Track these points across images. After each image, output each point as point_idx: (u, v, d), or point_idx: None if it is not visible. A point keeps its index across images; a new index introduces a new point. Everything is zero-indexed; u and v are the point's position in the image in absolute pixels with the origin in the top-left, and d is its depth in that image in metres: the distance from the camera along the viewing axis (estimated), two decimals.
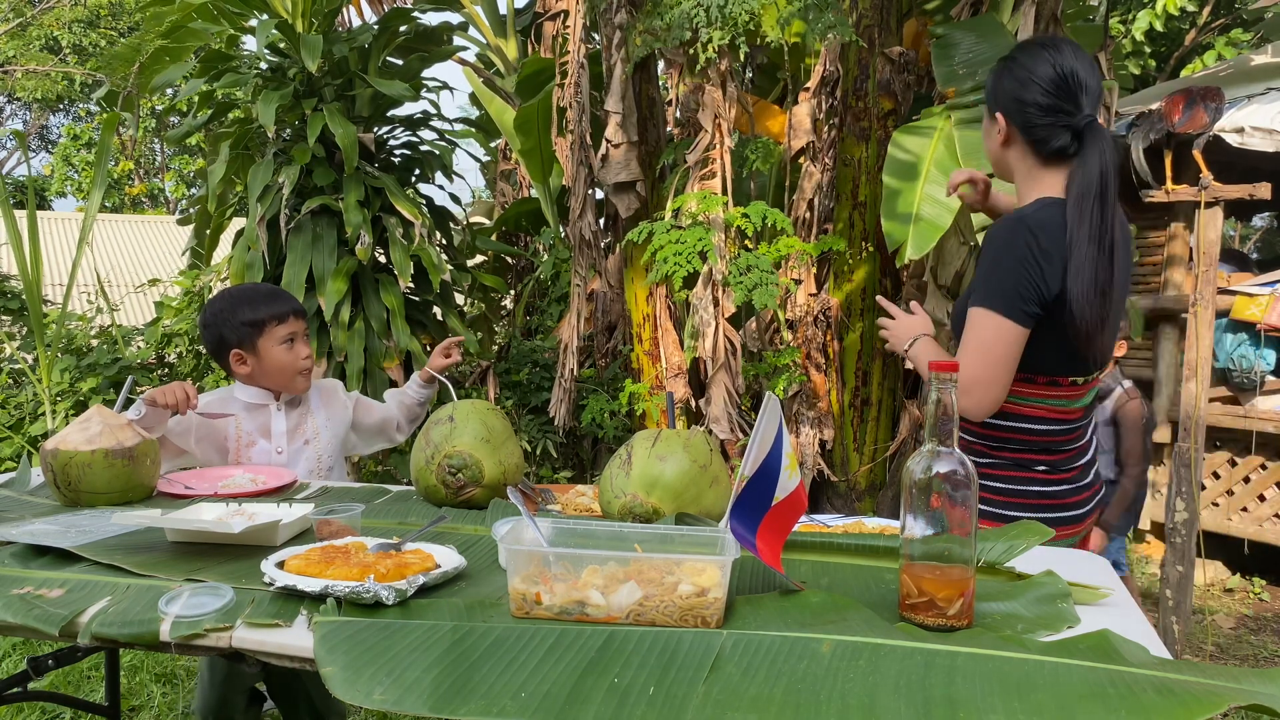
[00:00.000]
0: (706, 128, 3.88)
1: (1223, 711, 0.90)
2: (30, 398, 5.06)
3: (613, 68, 4.14)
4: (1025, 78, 1.78)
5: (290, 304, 2.30)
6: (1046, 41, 1.82)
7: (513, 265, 7.07)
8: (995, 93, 1.84)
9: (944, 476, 1.14)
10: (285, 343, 2.26)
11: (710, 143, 3.89)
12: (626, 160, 4.19)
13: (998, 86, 1.83)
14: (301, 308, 2.34)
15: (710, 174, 3.90)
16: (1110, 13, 7.32)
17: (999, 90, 1.83)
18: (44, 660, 1.90)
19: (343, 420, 2.43)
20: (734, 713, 0.94)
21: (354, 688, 1.00)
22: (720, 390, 3.84)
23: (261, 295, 2.31)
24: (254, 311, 2.24)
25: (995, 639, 1.10)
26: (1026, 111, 1.78)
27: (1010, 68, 1.80)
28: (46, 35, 17.60)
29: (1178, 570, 3.45)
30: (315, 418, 2.37)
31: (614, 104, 4.13)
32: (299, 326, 2.29)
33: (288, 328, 2.26)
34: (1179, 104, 3.56)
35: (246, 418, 2.29)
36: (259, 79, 4.25)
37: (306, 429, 2.35)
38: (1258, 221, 11.79)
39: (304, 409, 2.37)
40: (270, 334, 2.24)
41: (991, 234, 1.79)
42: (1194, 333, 3.43)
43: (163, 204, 20.70)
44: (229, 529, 1.46)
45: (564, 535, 1.34)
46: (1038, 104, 1.77)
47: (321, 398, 2.42)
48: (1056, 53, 1.76)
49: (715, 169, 3.90)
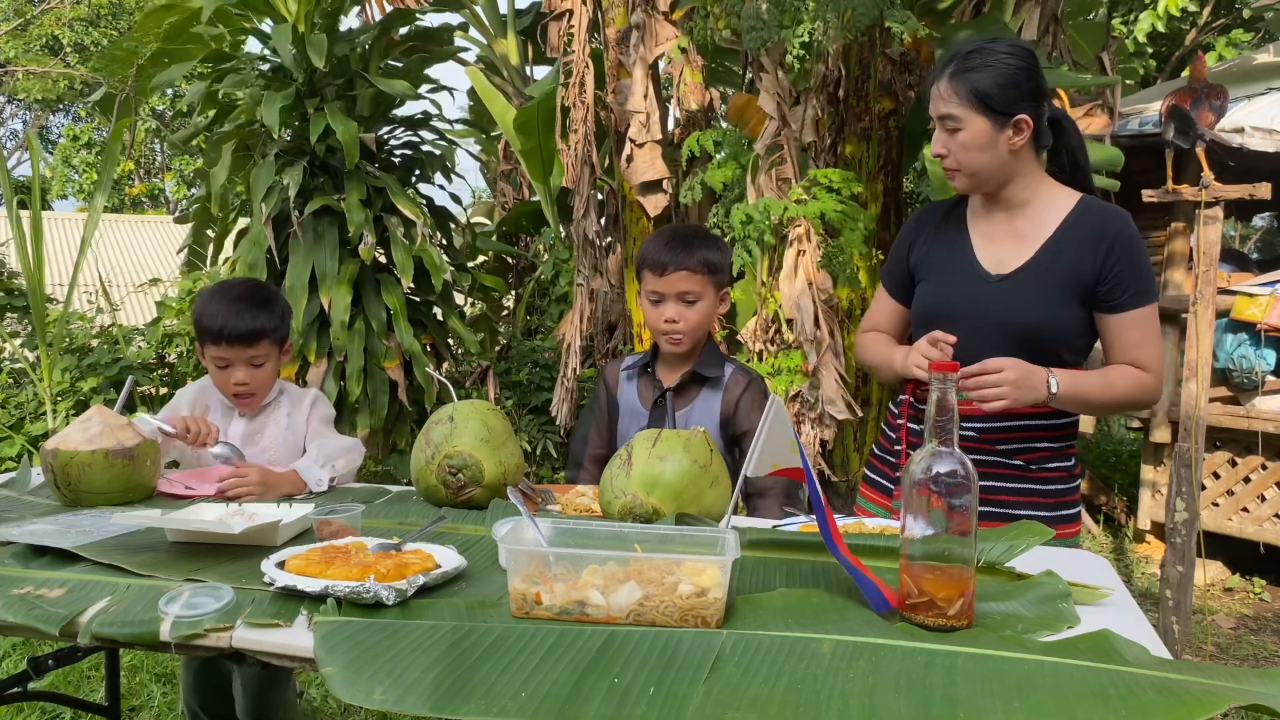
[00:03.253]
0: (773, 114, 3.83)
1: (1223, 711, 0.90)
2: (31, 397, 5.06)
3: (625, 66, 4.14)
4: (1034, 72, 1.74)
5: (235, 329, 2.10)
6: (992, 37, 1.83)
7: (513, 265, 7.08)
8: (1004, 96, 1.71)
9: (944, 476, 1.14)
10: (218, 364, 2.14)
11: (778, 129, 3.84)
12: (652, 159, 4.19)
13: (1004, 90, 1.71)
14: (258, 332, 2.12)
15: (781, 160, 3.86)
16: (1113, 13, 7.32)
17: (1006, 92, 1.71)
18: (44, 660, 1.90)
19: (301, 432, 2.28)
20: (734, 713, 0.94)
21: (354, 688, 1.00)
22: (830, 373, 3.76)
23: (220, 303, 2.13)
24: (203, 320, 2.12)
25: (995, 639, 1.10)
26: (1041, 108, 1.76)
27: (1006, 67, 1.72)
28: (47, 35, 17.61)
29: (1178, 570, 3.45)
30: (278, 426, 2.24)
31: (637, 103, 4.14)
32: (237, 355, 2.12)
33: (222, 353, 2.12)
34: (1186, 102, 3.56)
35: (219, 415, 2.22)
36: (261, 80, 4.25)
37: (265, 437, 2.23)
38: (1258, 221, 11.79)
39: (269, 415, 2.25)
40: (207, 351, 2.15)
41: (1132, 230, 1.78)
42: (1194, 333, 3.42)
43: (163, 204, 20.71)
44: (229, 529, 1.46)
45: (564, 535, 1.34)
46: (1046, 98, 1.77)
47: (291, 405, 2.28)
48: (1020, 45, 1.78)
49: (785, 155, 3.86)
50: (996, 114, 1.72)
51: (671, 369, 2.17)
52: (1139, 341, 1.77)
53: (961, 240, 1.89)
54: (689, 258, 2.05)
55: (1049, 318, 1.77)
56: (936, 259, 1.92)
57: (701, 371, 2.13)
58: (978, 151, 1.75)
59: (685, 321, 2.07)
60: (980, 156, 1.76)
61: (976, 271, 1.85)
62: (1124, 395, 1.77)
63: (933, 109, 1.79)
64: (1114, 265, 1.74)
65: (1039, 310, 1.77)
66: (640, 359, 2.25)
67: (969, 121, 1.73)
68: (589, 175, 4.60)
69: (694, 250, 2.06)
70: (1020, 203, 1.83)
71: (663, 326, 2.09)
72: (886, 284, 2.05)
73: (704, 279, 2.07)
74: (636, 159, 4.21)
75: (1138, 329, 1.76)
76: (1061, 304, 1.77)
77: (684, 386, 2.14)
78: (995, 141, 1.74)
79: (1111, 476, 6.14)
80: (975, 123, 1.73)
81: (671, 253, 2.06)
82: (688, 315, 2.07)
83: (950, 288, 1.87)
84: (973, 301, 1.82)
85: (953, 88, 1.73)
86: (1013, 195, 1.83)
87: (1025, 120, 1.74)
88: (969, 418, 1.82)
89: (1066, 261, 1.77)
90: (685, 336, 2.08)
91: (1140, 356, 1.76)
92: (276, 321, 2.18)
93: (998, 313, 1.79)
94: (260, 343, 2.14)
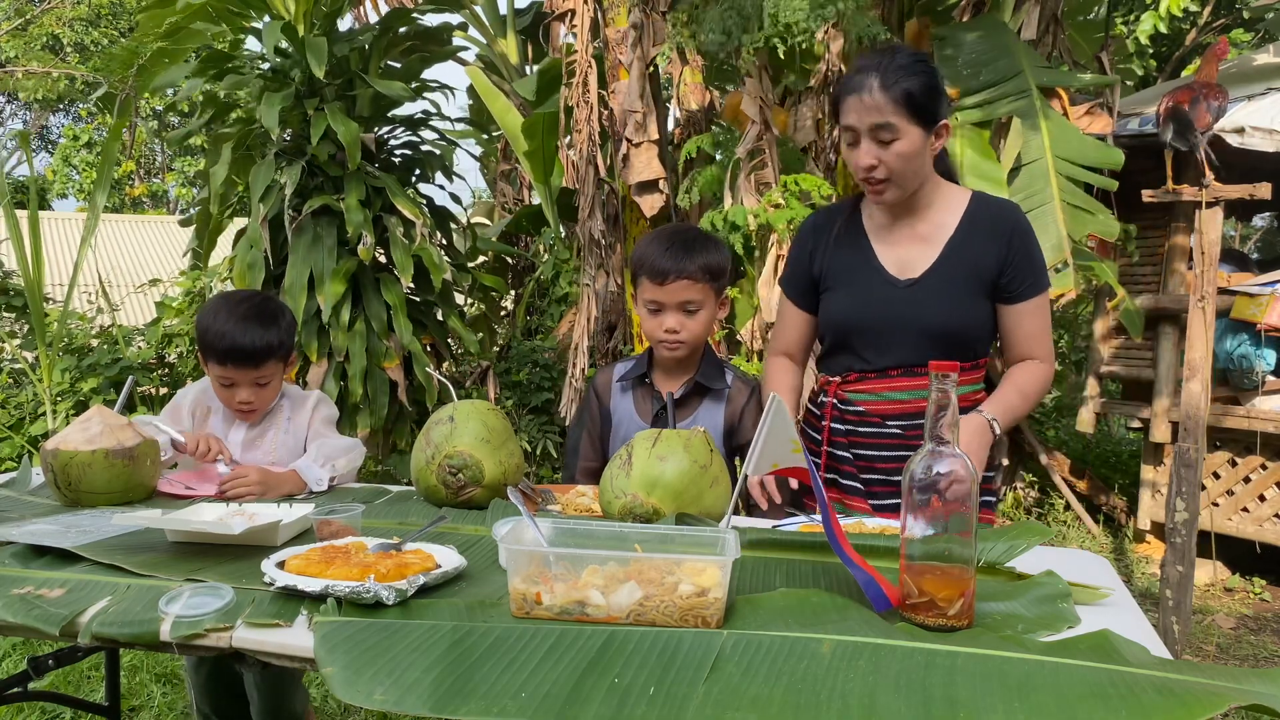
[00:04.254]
0: (755, 118, 3.85)
1: (1223, 711, 0.90)
2: (31, 398, 5.07)
3: (625, 67, 4.14)
4: (939, 77, 1.78)
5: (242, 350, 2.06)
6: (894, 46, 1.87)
7: (513, 265, 7.08)
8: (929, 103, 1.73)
9: (944, 476, 1.14)
10: (223, 382, 2.13)
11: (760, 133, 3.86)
12: (648, 159, 4.19)
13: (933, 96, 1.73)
14: (265, 352, 2.09)
15: (762, 164, 3.88)
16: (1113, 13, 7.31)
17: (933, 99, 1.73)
18: (44, 660, 1.90)
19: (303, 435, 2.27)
20: (734, 713, 0.94)
21: (354, 688, 1.00)
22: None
23: (227, 321, 2.08)
24: (207, 337, 2.09)
25: (995, 639, 1.10)
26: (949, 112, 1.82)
27: (927, 73, 1.73)
28: (48, 35, 17.61)
29: (1178, 570, 3.45)
30: (279, 430, 2.23)
31: (633, 103, 4.13)
32: (243, 376, 2.09)
33: (227, 373, 2.09)
34: (1184, 102, 3.55)
35: (219, 419, 2.23)
36: (261, 80, 4.25)
37: (266, 443, 2.22)
38: (1258, 221, 11.79)
39: (270, 420, 2.24)
40: (210, 368, 2.13)
41: (1025, 221, 1.84)
42: (1194, 333, 3.42)
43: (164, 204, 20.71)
44: (229, 529, 1.46)
45: (564, 535, 1.34)
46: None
47: (293, 409, 2.27)
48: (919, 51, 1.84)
49: (766, 159, 3.87)
50: (927, 121, 1.74)
51: (669, 376, 2.12)
52: (1036, 331, 1.84)
53: (864, 247, 1.91)
54: (690, 264, 1.98)
55: (962, 316, 1.83)
56: (841, 268, 1.92)
57: (704, 382, 2.07)
58: (912, 160, 1.75)
59: (686, 331, 2.01)
60: (913, 165, 1.76)
61: (883, 278, 1.87)
62: (1036, 394, 1.86)
63: (858, 120, 1.74)
64: (1013, 257, 1.81)
65: (951, 310, 1.82)
66: (634, 368, 2.17)
67: (905, 130, 1.72)
68: (593, 175, 4.60)
69: (695, 255, 1.99)
70: (923, 206, 1.86)
71: (662, 336, 2.03)
72: (790, 294, 2.03)
73: (705, 287, 2.00)
74: (632, 159, 4.21)
75: (1034, 318, 1.84)
76: (971, 301, 1.83)
77: (686, 397, 2.08)
78: (925, 149, 1.77)
79: (1111, 476, 6.14)
80: (911, 131, 1.73)
81: (672, 259, 1.98)
82: (689, 325, 2.01)
83: (860, 297, 1.89)
84: (885, 309, 1.86)
85: (887, 97, 1.70)
86: (917, 200, 1.85)
87: (946, 125, 1.79)
88: (893, 415, 1.87)
89: (970, 258, 1.82)
90: (686, 345, 2.03)
91: (1036, 347, 1.85)
92: (283, 337, 2.15)
93: (912, 317, 1.83)
94: (266, 363, 2.11)
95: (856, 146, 1.77)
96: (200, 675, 2.25)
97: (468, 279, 4.92)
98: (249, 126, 4.38)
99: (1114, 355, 5.14)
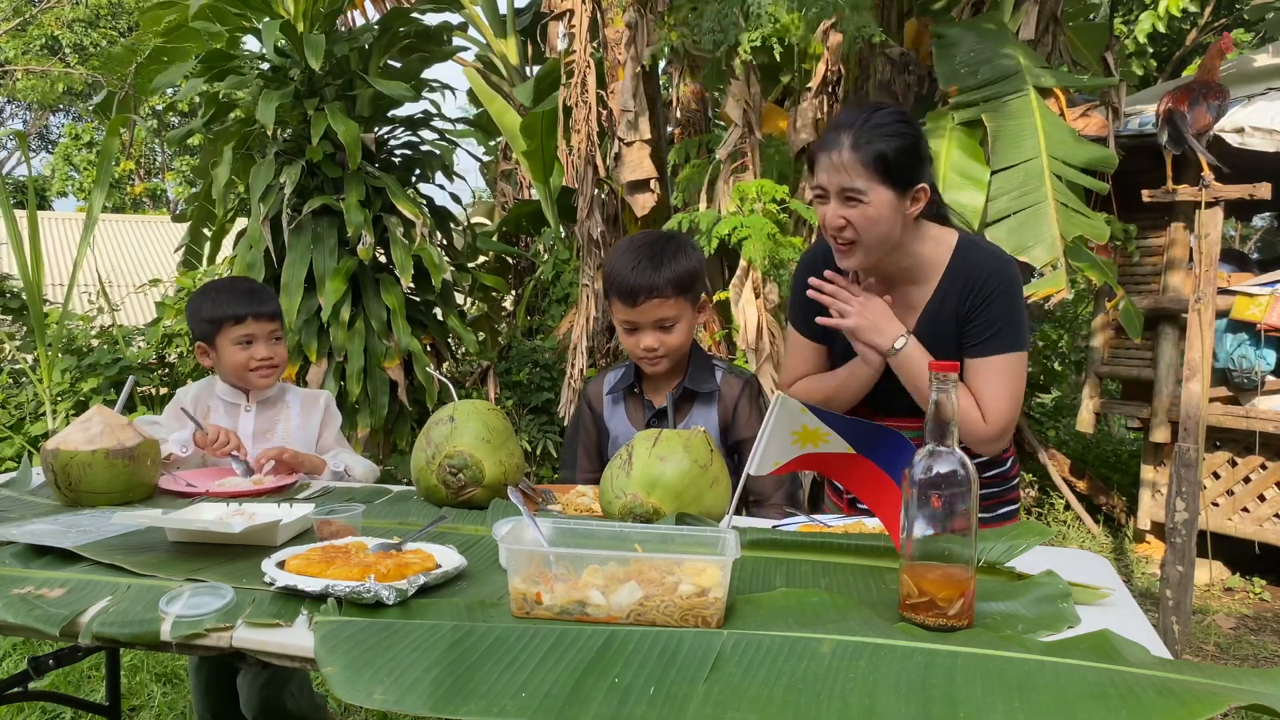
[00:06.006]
0: (738, 121, 3.87)
1: (1223, 711, 0.90)
2: (31, 398, 5.07)
3: (623, 66, 4.15)
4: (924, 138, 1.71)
5: (253, 306, 2.23)
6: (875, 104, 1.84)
7: (513, 265, 7.08)
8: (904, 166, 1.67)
9: (944, 476, 1.14)
10: (241, 343, 2.23)
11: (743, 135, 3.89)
12: (640, 158, 4.20)
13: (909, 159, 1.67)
14: (271, 309, 2.28)
15: (743, 167, 3.90)
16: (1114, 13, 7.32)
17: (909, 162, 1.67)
18: (44, 660, 1.90)
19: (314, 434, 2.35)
20: (734, 713, 0.94)
21: (354, 688, 1.01)
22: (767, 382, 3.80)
23: (227, 293, 2.25)
24: (215, 309, 2.22)
25: (995, 639, 1.10)
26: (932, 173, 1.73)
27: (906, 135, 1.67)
28: (47, 35, 17.61)
29: (1178, 570, 3.45)
30: (289, 424, 2.30)
31: (626, 102, 4.14)
32: (260, 329, 2.24)
33: (244, 329, 2.22)
34: (1183, 102, 3.54)
35: (222, 415, 2.27)
36: (260, 79, 4.26)
37: (277, 434, 2.28)
38: (1258, 221, 11.79)
39: (277, 413, 2.30)
40: (226, 333, 2.22)
41: (1010, 276, 1.75)
42: (1194, 333, 3.42)
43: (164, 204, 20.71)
44: (229, 529, 1.46)
45: (564, 535, 1.34)
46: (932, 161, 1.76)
47: (303, 406, 2.34)
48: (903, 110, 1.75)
49: (748, 162, 3.89)
50: (900, 184, 1.67)
51: (659, 386, 2.10)
52: (980, 389, 1.74)
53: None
54: (659, 279, 1.92)
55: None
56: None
57: (693, 387, 2.05)
58: (881, 224, 1.68)
59: (665, 347, 1.98)
60: (882, 229, 1.69)
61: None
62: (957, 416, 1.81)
63: (828, 181, 1.69)
64: (973, 309, 1.74)
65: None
66: (622, 379, 2.15)
67: (874, 194, 1.66)
68: (592, 175, 4.60)
69: (663, 268, 1.93)
70: (901, 270, 1.79)
71: (641, 354, 2.00)
72: (798, 327, 1.96)
73: (679, 301, 1.95)
74: (625, 158, 4.22)
75: (982, 376, 1.74)
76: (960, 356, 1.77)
77: (676, 404, 2.04)
78: (896, 213, 1.69)
79: (1111, 476, 6.14)
80: (880, 194, 1.66)
81: (640, 276, 1.92)
82: (667, 340, 1.98)
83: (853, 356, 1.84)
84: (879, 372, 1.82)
85: (857, 159, 1.65)
86: (894, 263, 1.77)
87: (924, 189, 1.71)
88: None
89: (947, 316, 1.77)
90: (667, 359, 2.01)
91: (982, 405, 1.74)
92: (279, 309, 2.33)
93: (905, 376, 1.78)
94: (277, 320, 2.28)
95: (826, 203, 1.71)
96: (200, 678, 2.25)
97: (468, 279, 4.93)
98: (249, 126, 4.38)
99: (1114, 355, 5.14)
